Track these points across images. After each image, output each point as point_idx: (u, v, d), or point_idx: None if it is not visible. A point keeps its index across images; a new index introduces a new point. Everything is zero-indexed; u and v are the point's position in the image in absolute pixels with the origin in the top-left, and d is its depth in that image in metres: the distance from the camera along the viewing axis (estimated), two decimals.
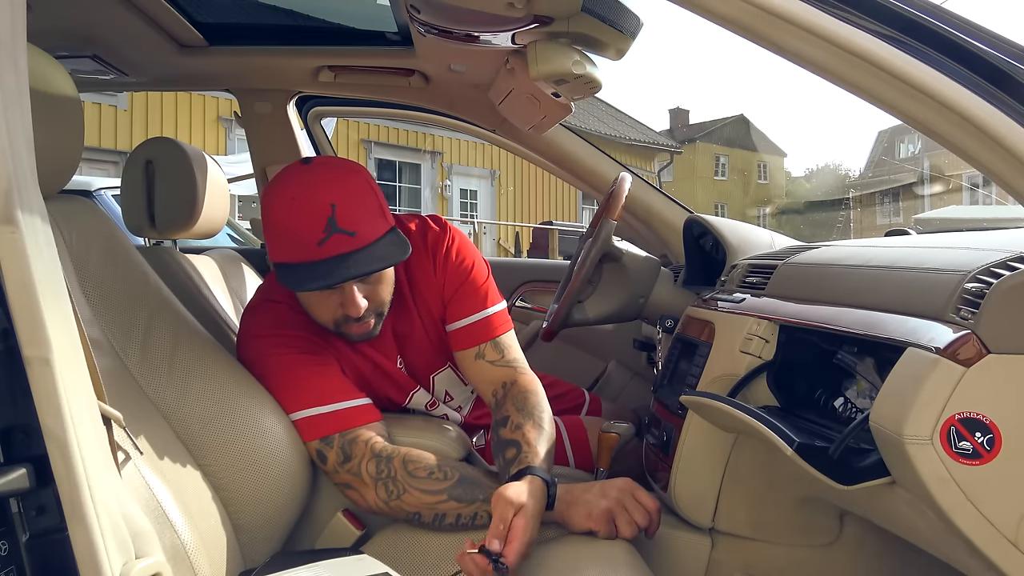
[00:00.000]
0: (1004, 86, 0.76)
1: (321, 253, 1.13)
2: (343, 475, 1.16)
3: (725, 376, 1.22)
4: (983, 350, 0.77)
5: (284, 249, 1.16)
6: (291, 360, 1.21)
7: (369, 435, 1.17)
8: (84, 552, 0.62)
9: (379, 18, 1.67)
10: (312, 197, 1.14)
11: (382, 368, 1.33)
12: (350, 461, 1.15)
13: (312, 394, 1.19)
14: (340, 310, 1.19)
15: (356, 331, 1.23)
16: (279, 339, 1.23)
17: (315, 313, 1.22)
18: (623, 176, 1.69)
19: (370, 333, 1.25)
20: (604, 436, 1.43)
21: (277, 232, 1.17)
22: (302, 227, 1.13)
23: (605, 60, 1.40)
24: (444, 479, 1.13)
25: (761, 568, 1.29)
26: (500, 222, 16.05)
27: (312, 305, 1.22)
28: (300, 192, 1.15)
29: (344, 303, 1.18)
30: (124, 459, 0.82)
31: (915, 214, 18.73)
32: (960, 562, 0.88)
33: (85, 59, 1.75)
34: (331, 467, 1.16)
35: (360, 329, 1.23)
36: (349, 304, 1.18)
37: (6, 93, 0.63)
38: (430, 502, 1.12)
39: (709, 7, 0.83)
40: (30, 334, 0.62)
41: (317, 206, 1.13)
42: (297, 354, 1.22)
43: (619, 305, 1.69)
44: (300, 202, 1.14)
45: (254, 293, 1.35)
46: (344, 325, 1.22)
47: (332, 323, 1.22)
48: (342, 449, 1.16)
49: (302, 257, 1.14)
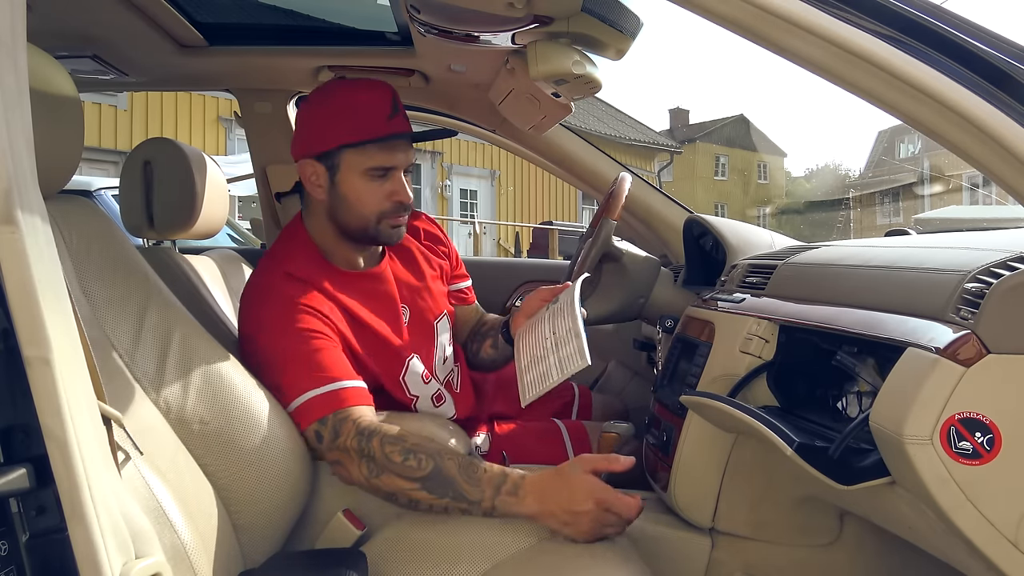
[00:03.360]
0: (1004, 86, 0.76)
1: (390, 128, 1.30)
2: (333, 451, 1.17)
3: (725, 376, 1.22)
4: (983, 350, 0.77)
5: (354, 126, 1.30)
6: (295, 336, 1.23)
7: (359, 413, 1.19)
8: (84, 552, 0.62)
9: (379, 18, 1.67)
10: (374, 83, 1.33)
11: (383, 335, 1.36)
12: (339, 437, 1.17)
13: (312, 375, 1.21)
14: (388, 200, 1.33)
15: (397, 222, 1.36)
16: (287, 312, 1.25)
17: (362, 205, 1.32)
18: (623, 176, 1.69)
19: (401, 232, 1.38)
20: (604, 436, 1.43)
21: (347, 111, 1.30)
22: (374, 103, 1.30)
23: (605, 60, 1.41)
24: (417, 468, 1.13)
25: (761, 568, 1.29)
26: (500, 222, 16.04)
27: (359, 197, 1.32)
28: (357, 81, 1.36)
29: (396, 190, 1.33)
30: (124, 459, 0.82)
31: (915, 214, 18.72)
32: (960, 562, 0.89)
33: (85, 59, 1.75)
34: (325, 445, 1.18)
35: (400, 221, 1.36)
36: (400, 191, 1.33)
37: (6, 93, 0.63)
38: (404, 488, 1.13)
39: (709, 7, 0.83)
40: (30, 334, 0.62)
41: (382, 88, 1.32)
42: (302, 328, 1.23)
43: (619, 305, 1.69)
44: (366, 85, 1.33)
45: (255, 271, 1.38)
46: (388, 217, 1.34)
47: (375, 215, 1.33)
48: (334, 427, 1.17)
49: (373, 132, 1.29)
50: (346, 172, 1.31)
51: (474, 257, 3.64)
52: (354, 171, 1.31)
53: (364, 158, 1.30)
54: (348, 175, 1.31)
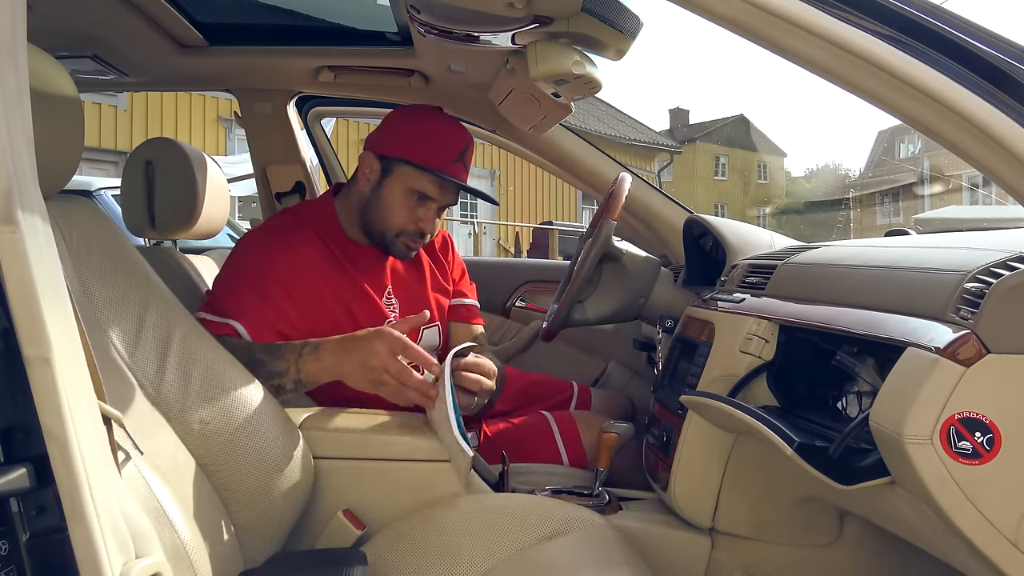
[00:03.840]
0: (1004, 86, 0.76)
1: (450, 170, 1.41)
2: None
3: (725, 376, 1.22)
4: (983, 350, 0.77)
5: (425, 150, 1.41)
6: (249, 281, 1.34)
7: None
8: (84, 552, 0.62)
9: (379, 18, 1.67)
10: (459, 127, 1.47)
11: (362, 302, 1.46)
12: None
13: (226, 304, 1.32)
14: (414, 223, 1.44)
15: (412, 245, 1.47)
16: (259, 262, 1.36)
17: (391, 215, 1.43)
18: (623, 176, 1.69)
19: (411, 254, 1.49)
20: (604, 436, 1.43)
21: (424, 135, 1.42)
22: (452, 143, 1.42)
23: (605, 60, 1.41)
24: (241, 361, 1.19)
25: (761, 568, 1.29)
26: (500, 222, 16.04)
27: (393, 207, 1.43)
28: (449, 118, 1.48)
29: (425, 220, 1.44)
30: (124, 459, 0.82)
31: (915, 214, 18.72)
32: (960, 562, 0.89)
33: (85, 59, 1.75)
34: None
35: (415, 244, 1.47)
36: (428, 221, 1.44)
37: (6, 93, 0.63)
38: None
39: (709, 7, 0.83)
40: (30, 334, 0.62)
41: (462, 135, 1.46)
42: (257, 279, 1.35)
43: (619, 305, 1.69)
44: (451, 124, 1.46)
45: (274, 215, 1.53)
46: (406, 237, 1.45)
47: (397, 229, 1.44)
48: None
49: (436, 165, 1.40)
50: (395, 181, 1.43)
51: (474, 257, 3.64)
52: (402, 184, 1.43)
53: (415, 179, 1.42)
54: (395, 185, 1.43)
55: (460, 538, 1.10)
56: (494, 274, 2.38)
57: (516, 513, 1.14)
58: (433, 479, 1.22)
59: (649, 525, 1.31)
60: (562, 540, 1.10)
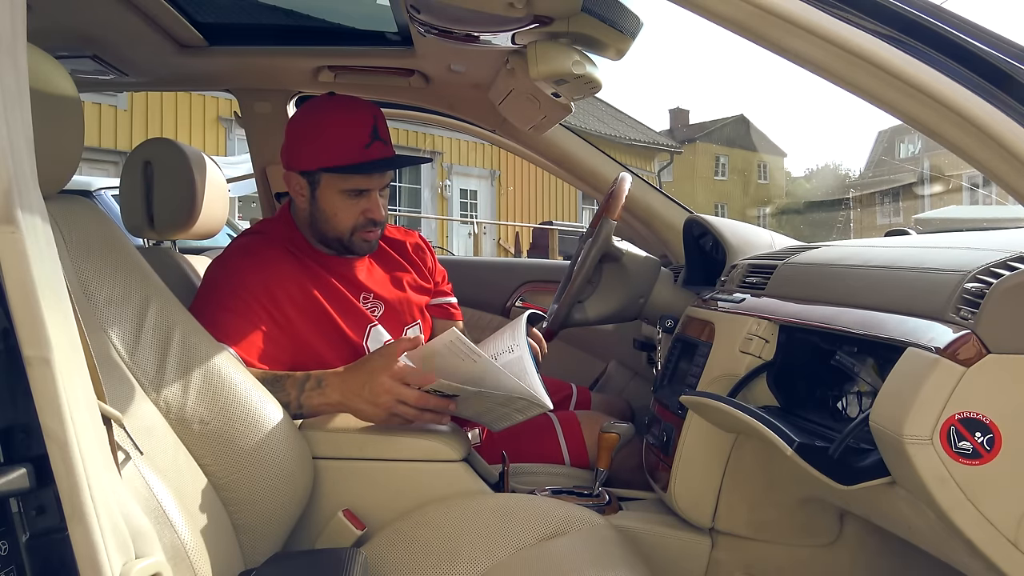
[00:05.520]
0: (1004, 86, 0.76)
1: (367, 155, 1.38)
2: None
3: (725, 376, 1.22)
4: (983, 350, 0.77)
5: (333, 152, 1.38)
6: (227, 303, 1.32)
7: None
8: (84, 552, 0.62)
9: (379, 18, 1.67)
10: (356, 108, 1.41)
11: (349, 300, 1.46)
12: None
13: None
14: (362, 216, 1.42)
15: (369, 237, 1.45)
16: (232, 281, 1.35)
17: (337, 220, 1.42)
18: (623, 176, 1.69)
19: (373, 245, 1.48)
20: (604, 436, 1.43)
21: (326, 137, 1.38)
22: (354, 130, 1.38)
23: (605, 60, 1.41)
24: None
25: (761, 568, 1.29)
26: (500, 222, 16.03)
27: (336, 213, 1.41)
28: (343, 104, 1.41)
29: (370, 208, 1.42)
30: (124, 459, 0.82)
31: (915, 214, 18.71)
32: (960, 562, 0.89)
33: (85, 59, 1.75)
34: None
35: (372, 236, 1.45)
36: (374, 209, 1.42)
37: (6, 93, 0.63)
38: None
39: (709, 7, 0.83)
40: (30, 334, 0.62)
41: (362, 116, 1.39)
42: (234, 300, 1.33)
43: (619, 305, 1.69)
44: (347, 111, 1.39)
45: (240, 235, 1.51)
46: (360, 231, 1.43)
47: (349, 229, 1.43)
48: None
49: (351, 159, 1.38)
50: (325, 190, 1.42)
51: (474, 257, 3.64)
52: (332, 190, 1.42)
53: (341, 180, 1.41)
54: (326, 192, 1.42)
55: (460, 538, 1.10)
56: (494, 274, 2.38)
57: (516, 513, 1.14)
58: (433, 479, 1.22)
59: (649, 525, 1.31)
60: (562, 540, 1.10)
